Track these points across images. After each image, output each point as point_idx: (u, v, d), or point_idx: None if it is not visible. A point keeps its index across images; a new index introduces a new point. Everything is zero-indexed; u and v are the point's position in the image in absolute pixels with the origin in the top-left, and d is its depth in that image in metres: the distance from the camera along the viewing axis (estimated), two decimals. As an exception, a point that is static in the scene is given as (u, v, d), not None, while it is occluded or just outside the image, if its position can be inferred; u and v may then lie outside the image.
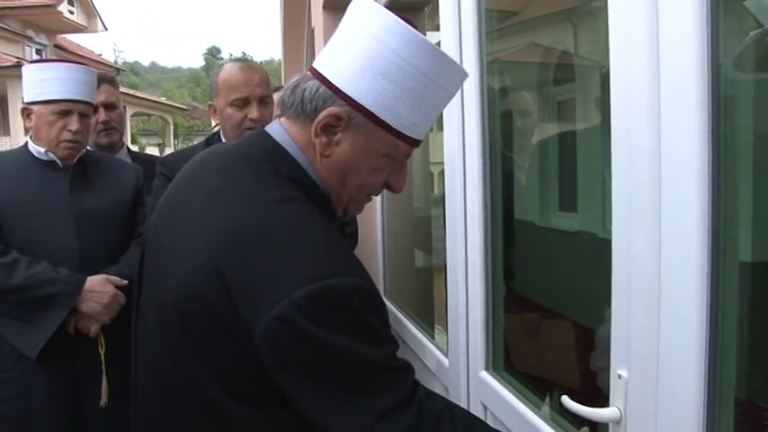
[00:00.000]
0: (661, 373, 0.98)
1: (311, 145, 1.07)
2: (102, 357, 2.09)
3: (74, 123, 2.10)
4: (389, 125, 1.04)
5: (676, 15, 0.92)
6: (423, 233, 3.00)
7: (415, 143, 1.09)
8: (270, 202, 1.02)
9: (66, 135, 2.10)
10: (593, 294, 1.36)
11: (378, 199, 2.93)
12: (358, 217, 2.55)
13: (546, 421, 1.40)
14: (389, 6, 1.06)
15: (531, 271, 2.06)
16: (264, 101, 2.08)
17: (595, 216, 1.80)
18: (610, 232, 1.11)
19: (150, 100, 29.03)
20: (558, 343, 1.99)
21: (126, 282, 2.10)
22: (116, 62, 48.72)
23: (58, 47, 23.51)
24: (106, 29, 27.25)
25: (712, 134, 0.88)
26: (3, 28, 19.62)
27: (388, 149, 1.07)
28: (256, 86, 2.06)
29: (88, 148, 2.35)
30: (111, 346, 2.11)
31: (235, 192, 1.04)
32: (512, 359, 1.78)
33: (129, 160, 2.71)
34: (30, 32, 21.67)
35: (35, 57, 20.27)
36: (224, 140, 2.12)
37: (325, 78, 1.05)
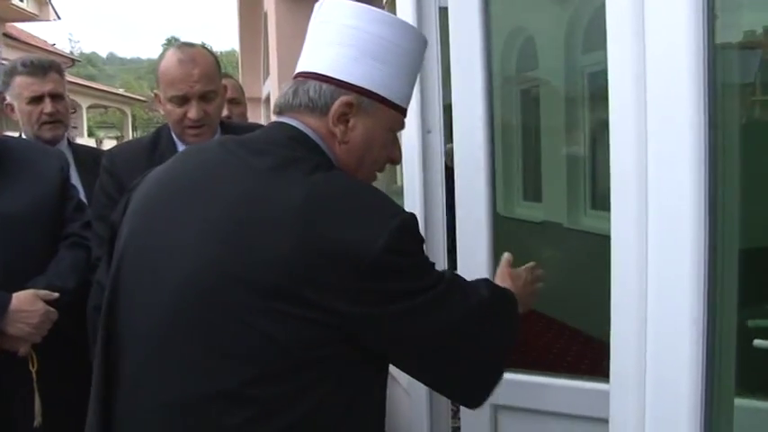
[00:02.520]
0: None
1: (330, 134, 1.17)
2: (34, 375, 1.86)
3: None
4: (390, 101, 1.19)
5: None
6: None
7: (405, 112, 1.25)
8: (320, 171, 1.09)
9: None
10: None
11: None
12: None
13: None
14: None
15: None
16: (207, 97, 1.87)
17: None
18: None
19: (108, 92, 28.42)
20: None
21: (57, 295, 1.87)
22: (72, 53, 47.42)
23: (7, 35, 22.71)
24: (59, 18, 26.46)
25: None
26: (-52, 16, 18.86)
27: (390, 124, 1.22)
28: (195, 83, 1.83)
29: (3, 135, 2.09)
30: (42, 362, 1.88)
31: (283, 172, 1.08)
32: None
33: (69, 154, 2.49)
34: (-22, 21, 20.90)
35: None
36: (173, 134, 1.94)
37: (323, 75, 1.16)
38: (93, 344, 1.45)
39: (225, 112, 2.54)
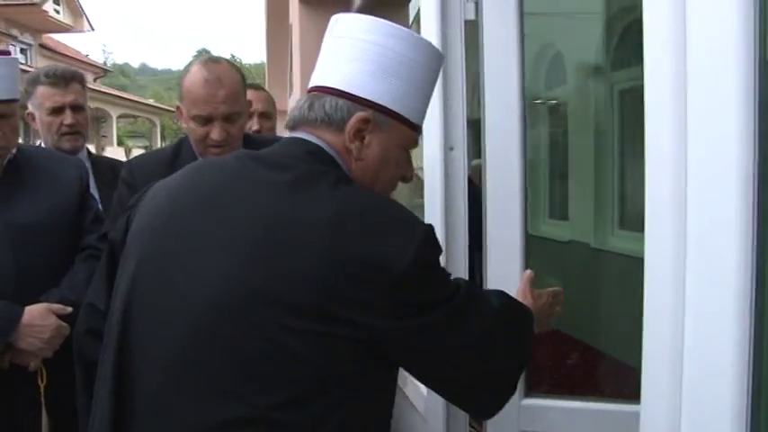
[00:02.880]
0: None
1: (345, 150, 1.14)
2: (42, 390, 1.80)
3: None
4: (406, 118, 1.16)
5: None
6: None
7: (420, 130, 1.23)
8: (342, 185, 1.07)
9: None
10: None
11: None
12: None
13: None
14: (369, 7, 1.04)
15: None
16: (231, 119, 1.82)
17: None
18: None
19: (137, 102, 28.90)
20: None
21: (70, 309, 1.79)
22: (105, 63, 48.31)
23: (43, 46, 23.22)
24: (93, 29, 27.03)
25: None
26: (-14, 27, 19.31)
27: (404, 141, 1.19)
28: (220, 104, 1.79)
29: (20, 142, 2.06)
30: (51, 376, 1.82)
31: (305, 187, 1.06)
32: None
33: (88, 165, 2.46)
34: (14, 31, 21.36)
35: (20, 56, 19.97)
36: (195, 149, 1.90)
37: (339, 90, 1.13)
38: (80, 371, 1.37)
39: (255, 126, 2.51)
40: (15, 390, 1.82)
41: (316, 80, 1.18)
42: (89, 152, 2.67)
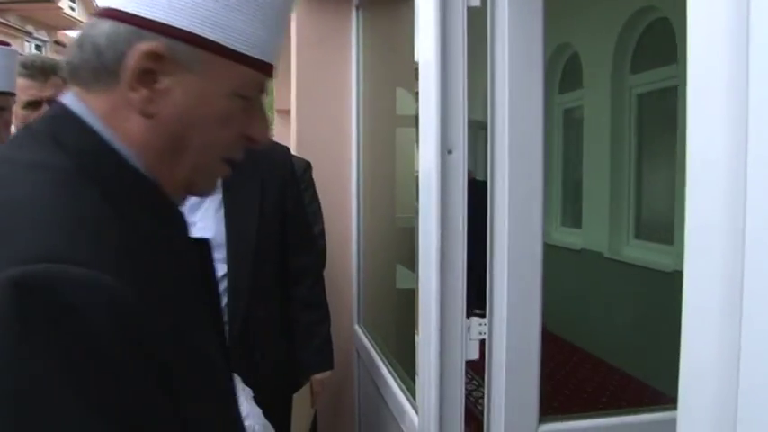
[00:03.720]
0: None
1: (117, 110, 0.74)
2: None
3: None
4: (229, 48, 0.74)
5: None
6: (406, 248, 2.62)
7: (268, 70, 0.79)
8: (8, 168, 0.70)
9: None
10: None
11: (353, 205, 2.58)
12: (327, 228, 2.16)
13: None
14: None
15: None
16: None
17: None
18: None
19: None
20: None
21: None
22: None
23: (58, 43, 23.26)
24: (109, 27, 27.05)
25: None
26: (2, 23, 19.37)
27: (234, 85, 0.76)
28: None
29: None
30: None
31: None
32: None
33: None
34: (29, 28, 21.41)
35: (34, 53, 20.02)
36: None
37: (121, 12, 0.72)
38: None
39: None
40: None
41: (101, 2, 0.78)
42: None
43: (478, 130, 1.65)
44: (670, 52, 4.13)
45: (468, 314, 1.45)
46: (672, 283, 4.14)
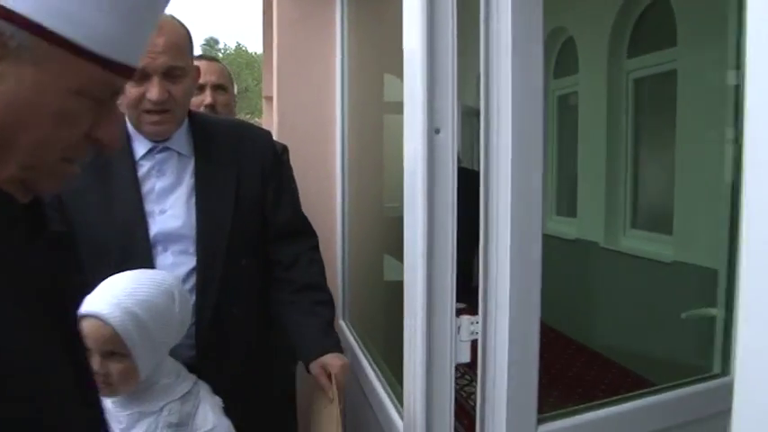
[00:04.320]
0: None
1: None
2: None
3: None
4: (75, 43, 0.67)
5: None
6: (395, 238, 2.46)
7: (125, 72, 0.72)
8: None
9: None
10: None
11: (337, 193, 2.42)
12: (308, 217, 1.99)
13: None
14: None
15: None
16: (173, 74, 1.48)
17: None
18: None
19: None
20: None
21: None
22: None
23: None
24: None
25: None
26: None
27: (79, 83, 0.68)
28: (159, 54, 1.45)
29: None
30: None
31: None
32: None
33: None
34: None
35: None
36: (129, 124, 1.57)
37: None
38: None
39: (208, 99, 2.19)
40: None
41: None
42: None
43: (464, 116, 1.50)
44: (669, 35, 3.98)
45: (458, 312, 1.31)
46: (671, 273, 4.01)
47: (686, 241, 4.22)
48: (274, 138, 2.25)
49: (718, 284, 1.87)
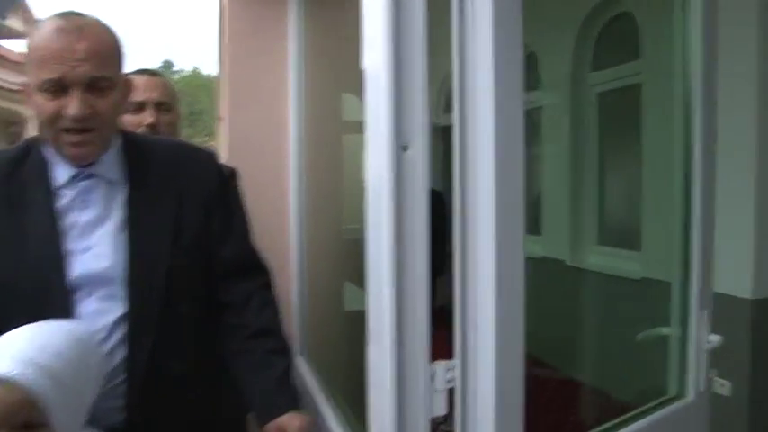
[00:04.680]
0: None
1: None
2: None
3: None
4: None
5: None
6: (356, 263, 2.28)
7: None
8: None
9: None
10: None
11: (291, 218, 2.24)
12: (261, 245, 1.78)
13: None
14: None
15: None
16: (98, 85, 1.26)
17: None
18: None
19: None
20: None
21: None
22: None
23: (-7, 53, 22.38)
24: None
25: None
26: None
27: None
28: (80, 62, 1.23)
29: None
30: None
31: None
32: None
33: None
34: (-39, 37, 20.50)
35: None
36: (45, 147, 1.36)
37: None
38: None
39: (149, 119, 1.96)
40: None
41: None
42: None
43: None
44: (632, 48, 3.94)
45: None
46: (641, 290, 3.92)
47: (655, 257, 4.16)
48: (226, 159, 2.05)
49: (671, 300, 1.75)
